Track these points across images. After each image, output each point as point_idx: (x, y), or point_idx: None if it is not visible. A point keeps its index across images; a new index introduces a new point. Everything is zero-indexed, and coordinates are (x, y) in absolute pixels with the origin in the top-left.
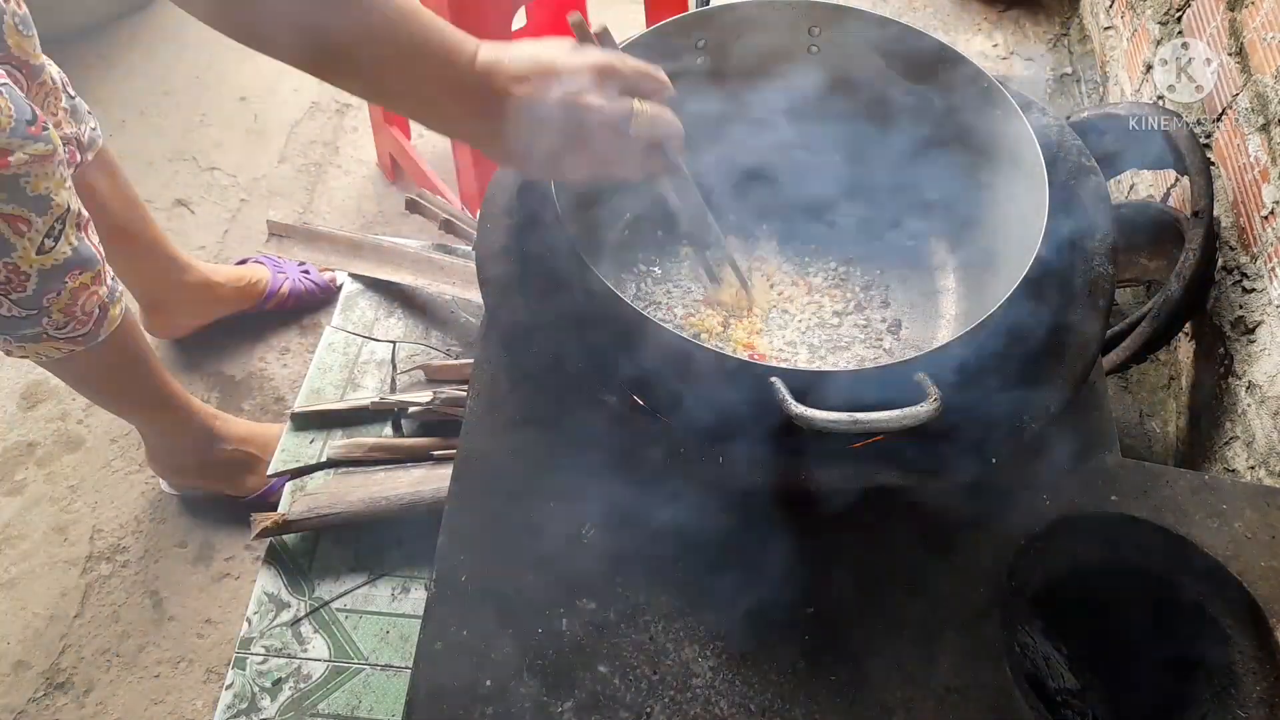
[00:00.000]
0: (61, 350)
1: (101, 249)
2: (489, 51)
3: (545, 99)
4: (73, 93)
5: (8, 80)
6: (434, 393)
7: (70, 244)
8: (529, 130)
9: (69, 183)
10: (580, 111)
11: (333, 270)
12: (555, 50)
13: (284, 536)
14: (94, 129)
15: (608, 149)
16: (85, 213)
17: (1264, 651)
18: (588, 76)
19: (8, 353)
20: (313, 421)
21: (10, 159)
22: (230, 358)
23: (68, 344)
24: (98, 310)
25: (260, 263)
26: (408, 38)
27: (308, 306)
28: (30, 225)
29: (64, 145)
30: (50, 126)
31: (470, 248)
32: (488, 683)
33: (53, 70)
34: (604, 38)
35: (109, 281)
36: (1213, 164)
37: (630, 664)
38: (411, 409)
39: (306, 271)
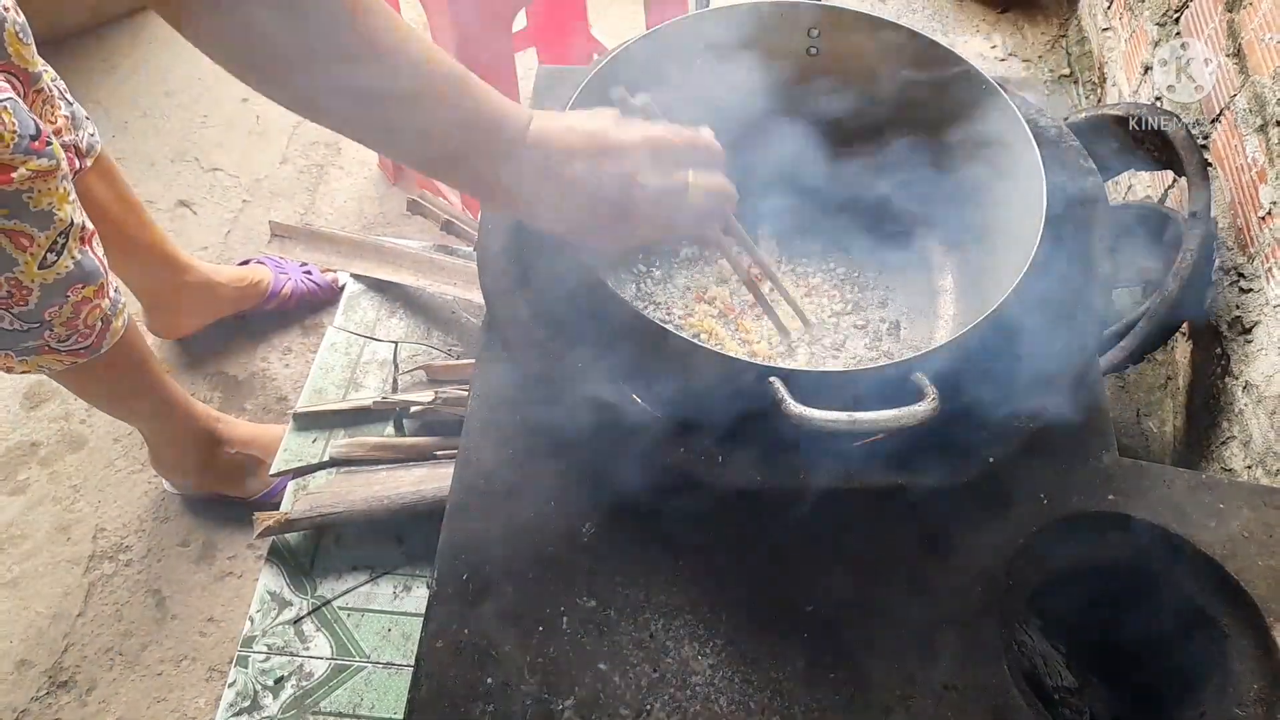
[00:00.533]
0: (64, 362)
1: (105, 261)
2: (542, 122)
3: (601, 178)
4: (70, 99)
5: (12, 95)
6: (436, 392)
7: (73, 258)
8: (585, 207)
9: (72, 196)
10: (636, 190)
11: (335, 271)
12: (606, 124)
13: (286, 535)
14: (92, 134)
15: (663, 222)
16: (90, 225)
17: (1261, 650)
18: (642, 153)
19: (8, 369)
20: (315, 421)
21: (13, 175)
22: (232, 358)
23: (70, 356)
24: (100, 323)
25: (262, 263)
26: (461, 110)
27: (310, 307)
28: (32, 240)
29: (64, 154)
30: (54, 140)
31: (471, 248)
32: (489, 680)
33: (50, 77)
34: (647, 110)
35: (111, 294)
36: (1210, 165)
37: (630, 662)
38: (413, 408)
39: (309, 272)
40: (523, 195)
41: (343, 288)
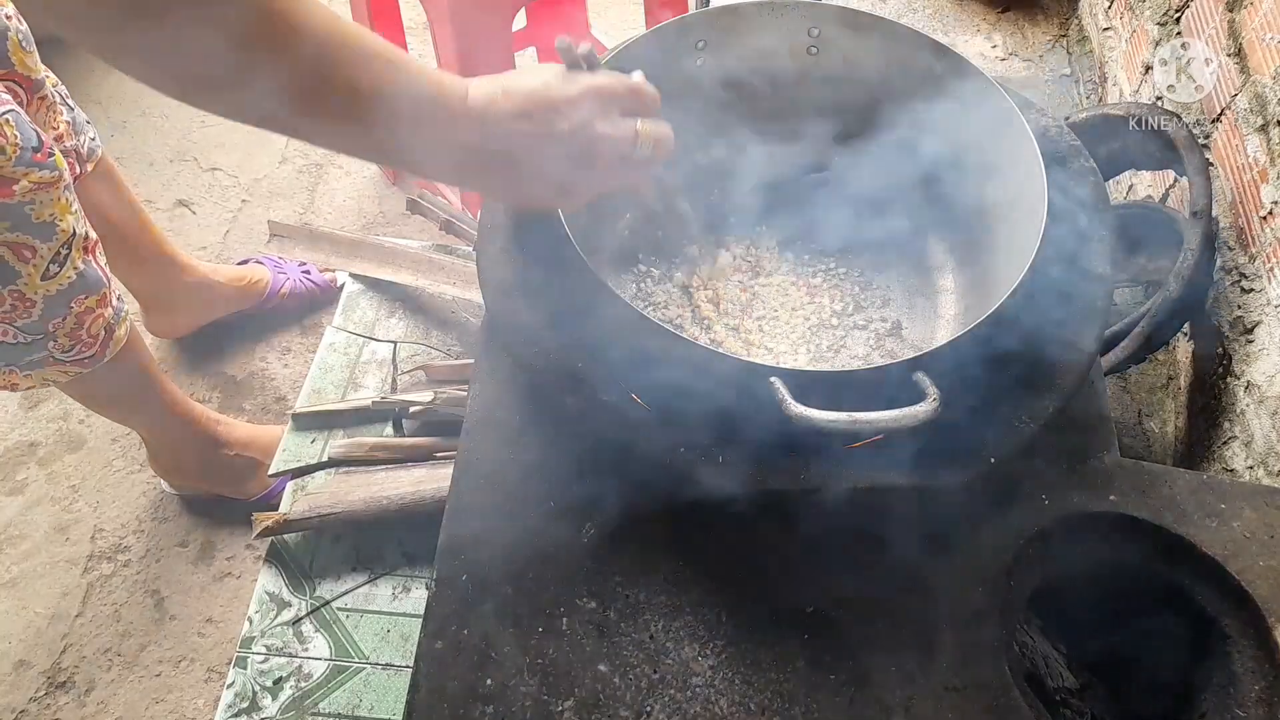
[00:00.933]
0: (68, 373)
1: (108, 270)
2: (480, 89)
3: (553, 134)
4: (72, 104)
5: (15, 107)
6: (435, 393)
7: (76, 268)
8: (540, 166)
9: (75, 206)
10: (590, 142)
11: (333, 270)
12: (547, 79)
13: (285, 536)
14: (93, 139)
15: (615, 172)
16: (93, 234)
17: (1263, 651)
18: (589, 104)
19: (13, 387)
20: (314, 421)
21: (15, 188)
22: (232, 357)
23: (74, 366)
24: (103, 332)
25: (261, 263)
26: (396, 88)
27: (308, 306)
28: (35, 252)
29: (66, 164)
30: (56, 152)
31: (471, 248)
32: (488, 682)
33: (51, 83)
34: (590, 59)
35: (114, 303)
36: (1211, 164)
37: (630, 663)
38: (413, 409)
39: (307, 272)
40: (473, 169)
41: (341, 287)
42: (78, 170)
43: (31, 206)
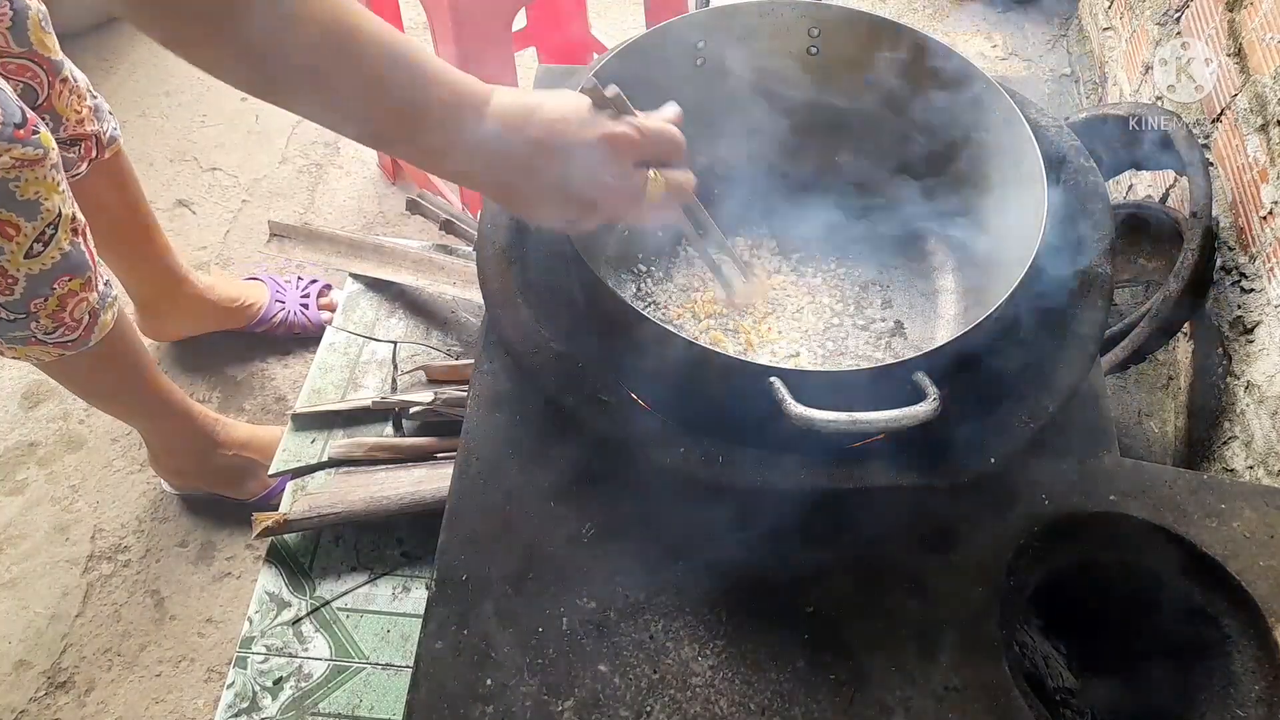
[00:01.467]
0: (51, 354)
1: (95, 254)
2: (502, 100)
3: (560, 176)
4: (95, 93)
5: None
6: (435, 393)
7: (61, 249)
8: (539, 195)
9: (63, 186)
10: (594, 191)
11: (330, 314)
12: (568, 115)
13: (285, 536)
14: (115, 128)
15: (618, 216)
16: (81, 217)
17: (1262, 651)
18: (601, 153)
19: (0, 353)
20: (314, 421)
21: None
22: (232, 357)
23: (57, 348)
24: (87, 316)
25: (265, 283)
26: (414, 74)
27: (295, 339)
28: (19, 230)
29: (81, 141)
30: (42, 130)
31: (471, 248)
32: (488, 682)
33: (71, 68)
34: (619, 102)
35: (100, 287)
36: (1211, 164)
37: (630, 663)
38: (413, 409)
39: (305, 306)
40: (475, 173)
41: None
42: (93, 154)
43: (15, 183)
